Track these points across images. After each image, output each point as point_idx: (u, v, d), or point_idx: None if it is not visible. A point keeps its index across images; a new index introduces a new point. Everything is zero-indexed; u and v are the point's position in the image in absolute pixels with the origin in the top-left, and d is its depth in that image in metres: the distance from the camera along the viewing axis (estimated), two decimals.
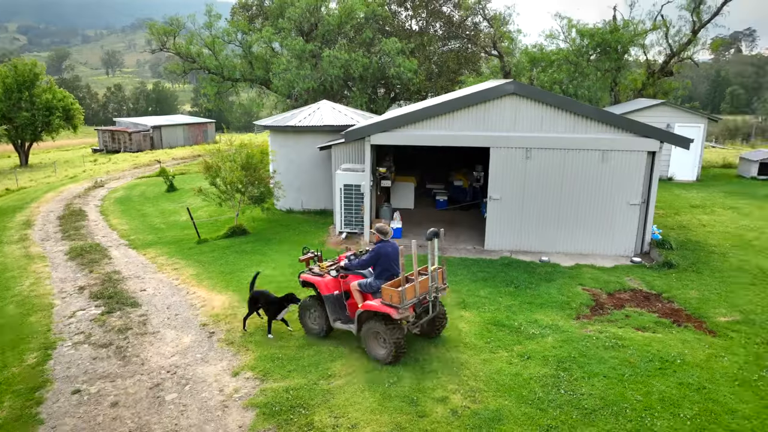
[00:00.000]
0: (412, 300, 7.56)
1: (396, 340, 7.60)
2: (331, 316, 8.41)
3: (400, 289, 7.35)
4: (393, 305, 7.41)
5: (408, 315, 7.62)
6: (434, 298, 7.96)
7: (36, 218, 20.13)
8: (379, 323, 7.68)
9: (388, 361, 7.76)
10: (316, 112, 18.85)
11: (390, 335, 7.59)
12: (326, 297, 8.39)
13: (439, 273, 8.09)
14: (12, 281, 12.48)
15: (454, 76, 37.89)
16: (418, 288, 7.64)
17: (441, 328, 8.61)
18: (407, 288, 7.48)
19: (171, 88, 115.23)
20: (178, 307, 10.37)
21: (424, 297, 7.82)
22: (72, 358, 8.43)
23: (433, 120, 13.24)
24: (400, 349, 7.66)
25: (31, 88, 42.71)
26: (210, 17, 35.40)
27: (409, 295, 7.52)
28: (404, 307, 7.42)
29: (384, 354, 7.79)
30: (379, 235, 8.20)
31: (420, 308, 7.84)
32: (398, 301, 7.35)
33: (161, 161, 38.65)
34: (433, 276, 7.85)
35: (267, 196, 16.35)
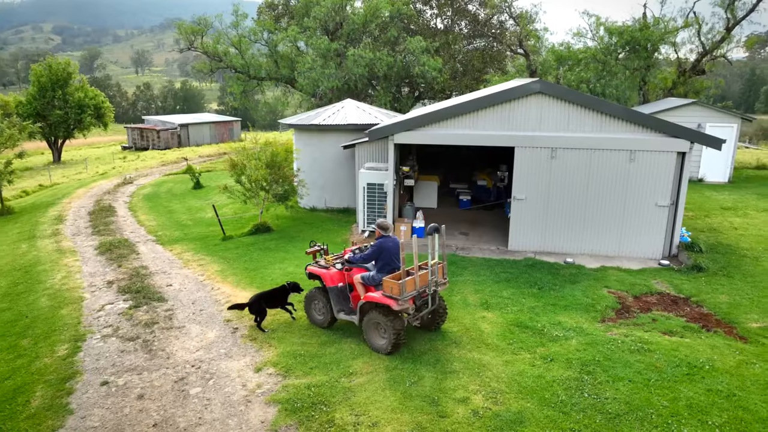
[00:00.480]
0: (411, 292, 7.81)
1: (395, 331, 7.85)
2: (334, 307, 8.73)
3: (400, 282, 7.61)
4: (393, 297, 7.68)
5: (407, 307, 7.83)
6: (434, 292, 8.19)
7: (67, 213, 20.67)
8: (380, 314, 7.95)
9: (387, 351, 8.02)
10: (340, 111, 18.93)
11: (390, 326, 7.86)
12: (330, 288, 8.72)
13: (440, 268, 8.35)
14: (44, 274, 12.84)
15: (479, 74, 37.64)
16: (418, 281, 7.90)
17: (441, 322, 8.84)
18: (407, 281, 7.73)
19: (198, 87, 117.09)
20: (203, 303, 10.54)
21: (423, 290, 8.05)
22: (101, 351, 8.63)
23: (457, 119, 13.17)
24: (399, 340, 7.91)
25: (65, 87, 43.83)
26: (237, 17, 35.82)
27: (409, 287, 7.78)
28: (404, 298, 7.67)
29: (384, 344, 8.05)
30: (380, 231, 8.47)
31: (420, 301, 8.09)
32: (398, 292, 7.61)
33: (188, 159, 39.31)
34: (432, 270, 8.10)
35: (291, 194, 16.48)
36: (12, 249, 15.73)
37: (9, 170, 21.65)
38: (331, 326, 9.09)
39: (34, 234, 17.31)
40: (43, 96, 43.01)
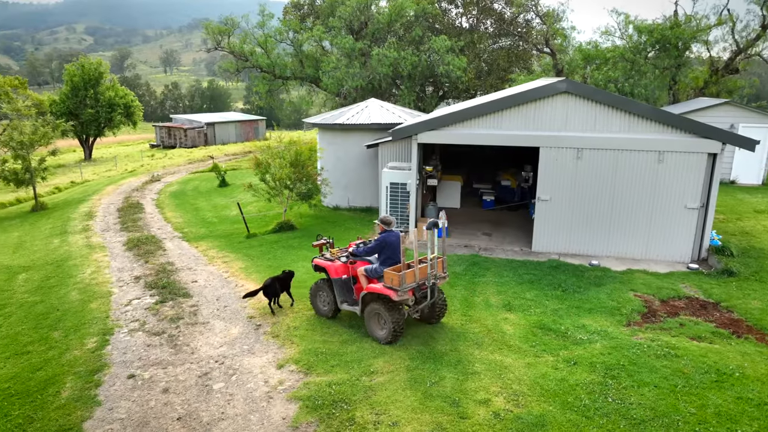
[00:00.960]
0: (411, 284, 8.09)
1: (394, 321, 8.15)
2: (338, 298, 9.06)
3: (399, 274, 7.88)
4: (393, 288, 7.96)
5: (407, 298, 8.11)
6: (432, 284, 8.40)
7: (97, 210, 21.18)
8: (380, 305, 8.27)
9: (386, 341, 8.32)
10: (364, 111, 18.98)
11: (389, 316, 8.16)
12: (335, 280, 9.05)
13: (439, 262, 8.60)
14: (75, 269, 13.18)
15: (504, 74, 37.28)
16: (417, 274, 8.16)
17: (441, 315, 9.09)
18: (407, 273, 8.00)
19: (224, 86, 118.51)
20: (227, 299, 10.69)
21: (423, 283, 8.28)
22: (128, 344, 8.83)
23: (481, 119, 13.09)
24: (398, 330, 8.22)
25: (96, 86, 44.94)
26: (263, 17, 36.20)
27: (409, 279, 8.06)
28: (403, 290, 7.95)
29: (383, 334, 8.38)
30: (383, 226, 8.78)
31: (419, 293, 8.33)
32: (398, 284, 7.88)
33: (214, 157, 39.89)
34: (432, 264, 8.34)
35: (314, 193, 16.59)
36: (45, 244, 16.19)
37: (43, 167, 22.29)
38: (335, 317, 9.43)
39: (65, 229, 17.78)
40: (75, 95, 44.17)
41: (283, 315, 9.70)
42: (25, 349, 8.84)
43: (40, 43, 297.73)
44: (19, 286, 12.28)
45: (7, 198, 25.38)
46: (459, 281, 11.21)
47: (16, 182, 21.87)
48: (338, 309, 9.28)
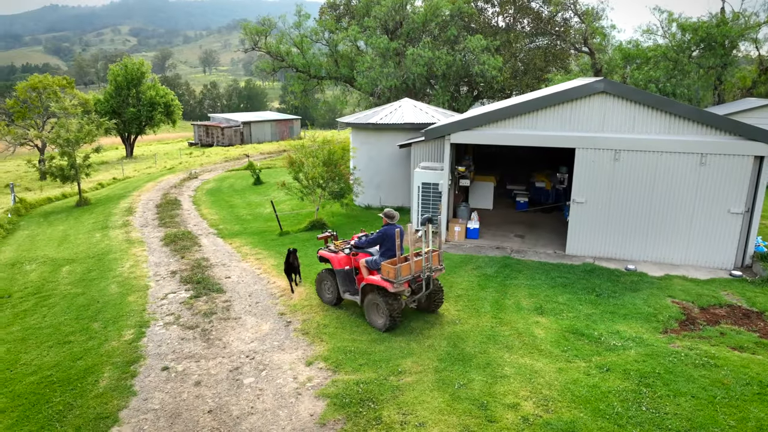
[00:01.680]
0: (407, 276, 8.50)
1: (391, 311, 8.59)
2: (341, 287, 9.57)
3: (396, 266, 8.29)
4: (389, 280, 8.41)
5: (402, 289, 8.55)
6: (427, 277, 8.75)
7: (137, 206, 21.83)
8: (378, 295, 8.72)
9: (384, 329, 8.78)
10: (398, 110, 18.98)
11: (386, 306, 8.60)
12: (338, 271, 9.54)
13: (435, 255, 8.98)
14: (115, 263, 13.62)
15: (540, 73, 36.70)
16: (413, 266, 8.58)
17: (438, 306, 9.50)
18: (402, 266, 8.42)
19: (261, 86, 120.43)
20: (258, 296, 10.86)
21: (418, 275, 8.68)
22: (163, 337, 9.07)
23: (516, 119, 12.91)
24: (394, 319, 8.68)
25: (138, 86, 46.36)
26: (299, 17, 36.63)
27: (404, 272, 8.49)
28: (399, 282, 8.39)
29: (381, 323, 8.84)
30: (386, 219, 9.08)
31: (415, 284, 8.80)
32: (393, 277, 8.32)
33: (249, 155, 40.59)
34: (427, 257, 8.72)
35: (346, 192, 16.69)
36: (87, 238, 16.78)
37: (87, 164, 23.10)
38: (338, 305, 9.98)
39: (106, 224, 18.39)
40: (118, 94, 45.66)
41: (314, 313, 9.79)
42: (66, 339, 9.18)
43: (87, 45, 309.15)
44: (62, 278, 12.77)
45: (54, 193, 26.42)
46: (490, 283, 11.09)
47: (62, 178, 22.74)
48: (341, 298, 9.80)
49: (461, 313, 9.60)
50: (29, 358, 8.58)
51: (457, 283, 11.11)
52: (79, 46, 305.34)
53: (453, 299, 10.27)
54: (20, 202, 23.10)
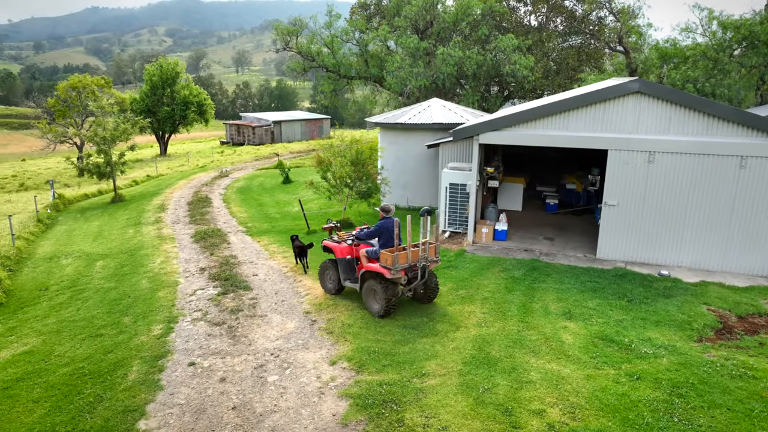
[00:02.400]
0: (403, 265, 9.01)
1: (387, 297, 9.13)
2: (342, 276, 10.21)
3: (393, 255, 8.83)
4: (386, 267, 8.95)
5: (399, 276, 9.06)
6: (423, 267, 9.27)
7: (169, 203, 22.29)
8: (376, 282, 9.29)
9: (380, 314, 9.34)
10: (426, 110, 18.87)
11: (383, 292, 9.15)
12: (340, 260, 10.16)
13: (431, 247, 9.46)
14: (146, 258, 13.92)
15: (573, 73, 36.01)
16: (410, 255, 9.09)
17: (433, 296, 10.01)
18: (400, 254, 8.95)
19: (292, 86, 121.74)
20: (284, 294, 10.93)
21: (414, 264, 9.18)
22: (190, 333, 9.21)
23: (547, 119, 12.68)
24: (390, 305, 9.21)
25: (172, 85, 47.37)
26: (330, 17, 36.82)
27: (401, 260, 9.00)
28: (396, 269, 8.90)
29: (378, 308, 9.39)
30: (382, 213, 9.71)
31: (411, 273, 9.28)
32: (391, 264, 8.84)
33: (279, 154, 41.05)
34: (423, 248, 9.26)
35: (374, 192, 16.68)
36: (121, 234, 17.21)
37: (122, 161, 23.70)
38: (339, 293, 10.54)
39: (139, 221, 18.83)
40: (154, 93, 46.75)
41: (338, 312, 9.80)
42: (98, 332, 9.42)
43: (126, 45, 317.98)
44: (96, 273, 13.11)
45: (91, 189, 27.20)
46: (517, 286, 10.91)
47: (98, 175, 23.39)
48: (342, 286, 10.44)
49: (487, 316, 9.47)
50: (63, 350, 8.83)
51: (484, 286, 10.97)
52: (117, 46, 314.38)
53: (479, 301, 10.15)
54: (59, 198, 23.86)
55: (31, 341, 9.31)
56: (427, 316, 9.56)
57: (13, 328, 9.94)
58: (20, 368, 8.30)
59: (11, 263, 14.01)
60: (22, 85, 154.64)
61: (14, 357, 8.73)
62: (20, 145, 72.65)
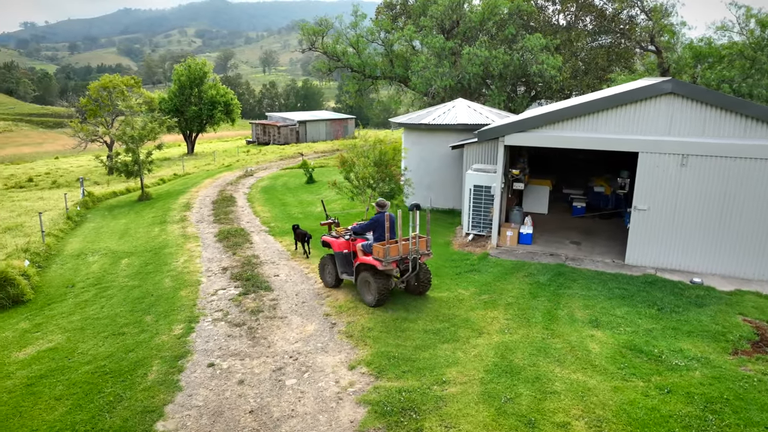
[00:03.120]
0: (395, 257, 9.50)
1: (379, 288, 9.61)
2: (339, 269, 10.67)
3: (384, 247, 9.32)
4: (379, 258, 9.45)
5: (391, 268, 9.57)
6: (413, 259, 9.73)
7: (194, 202, 22.53)
8: (369, 274, 9.78)
9: (373, 304, 9.81)
10: (451, 111, 18.65)
11: (375, 283, 9.63)
12: (337, 254, 10.61)
13: (422, 241, 9.91)
14: (170, 257, 14.04)
15: (602, 73, 35.23)
16: (400, 248, 9.58)
17: (425, 289, 10.44)
18: (391, 247, 9.43)
19: (318, 86, 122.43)
20: (305, 295, 10.87)
21: (405, 257, 9.64)
22: (210, 333, 9.21)
23: (574, 121, 12.35)
24: (382, 295, 9.69)
25: (200, 85, 47.99)
26: (356, 17, 36.81)
27: (393, 252, 9.48)
28: (387, 261, 9.39)
29: (371, 299, 9.86)
30: (378, 208, 10.05)
31: (402, 265, 9.76)
32: (383, 255, 9.33)
33: (303, 154, 41.22)
34: (414, 241, 9.71)
35: (397, 193, 16.54)
36: (146, 232, 17.43)
37: (149, 160, 24.06)
38: (337, 286, 11.03)
39: (165, 219, 19.05)
40: (182, 93, 47.46)
41: (358, 315, 9.69)
42: (121, 330, 9.49)
43: (156, 46, 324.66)
44: (121, 270, 13.28)
45: (119, 187, 27.70)
46: (542, 292, 10.63)
47: (126, 173, 23.80)
48: (340, 279, 10.92)
49: (511, 323, 9.23)
50: (86, 348, 8.92)
51: (507, 291, 10.72)
52: (148, 47, 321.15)
53: (503, 307, 9.91)
54: (88, 196, 24.35)
55: (56, 338, 9.43)
56: (448, 321, 9.38)
57: (39, 325, 10.11)
58: (44, 365, 8.40)
59: (40, 260, 14.29)
60: (58, 85, 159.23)
61: (39, 353, 8.86)
62: (55, 143, 74.60)
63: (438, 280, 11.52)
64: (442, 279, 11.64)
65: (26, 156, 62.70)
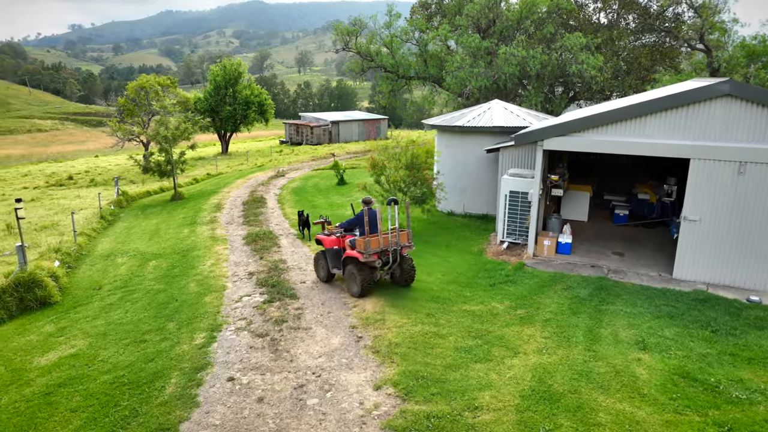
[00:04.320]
0: (375, 249, 10.17)
1: (363, 279, 10.32)
2: (330, 264, 11.28)
3: (365, 240, 10.03)
4: (360, 251, 10.13)
5: (372, 260, 10.17)
6: (394, 251, 10.46)
7: (225, 202, 22.47)
8: (354, 266, 10.43)
9: (357, 294, 10.50)
10: (486, 113, 17.98)
11: (359, 274, 10.32)
12: (328, 250, 11.21)
13: (404, 234, 10.63)
14: (197, 260, 13.86)
15: (646, 73, 33.82)
16: (381, 241, 10.26)
17: (410, 280, 11.05)
18: (371, 240, 10.14)
19: (351, 86, 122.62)
20: (331, 305, 10.45)
21: (386, 249, 10.34)
22: (232, 344, 8.88)
23: (620, 124, 11.57)
24: (366, 287, 10.40)
25: (235, 85, 48.33)
26: (390, 17, 36.40)
27: (373, 245, 10.17)
28: (368, 253, 10.06)
29: (356, 290, 10.52)
30: (363, 205, 10.64)
31: (384, 257, 10.38)
32: (364, 248, 10.02)
33: (335, 155, 41.02)
34: (393, 234, 10.45)
35: (429, 198, 15.98)
36: (176, 233, 17.37)
37: (182, 160, 24.15)
38: (329, 281, 11.57)
39: (195, 220, 18.99)
40: (217, 93, 47.89)
41: (386, 328, 9.21)
42: (143, 338, 9.26)
43: (196, 47, 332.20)
44: (148, 273, 13.15)
45: (153, 187, 27.97)
46: (583, 308, 9.94)
47: (159, 173, 23.94)
48: (332, 274, 11.47)
49: (549, 342, 8.60)
50: (107, 355, 8.71)
51: (545, 305, 10.07)
52: (188, 48, 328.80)
53: (540, 324, 9.28)
54: (122, 195, 24.62)
55: (79, 343, 9.28)
56: (481, 338, 8.81)
57: (64, 329, 9.99)
58: (64, 372, 8.22)
59: (71, 260, 14.33)
60: (101, 85, 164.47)
61: (60, 360, 8.69)
62: (97, 141, 76.74)
63: (471, 292, 10.95)
64: (475, 290, 11.06)
65: (68, 154, 64.69)
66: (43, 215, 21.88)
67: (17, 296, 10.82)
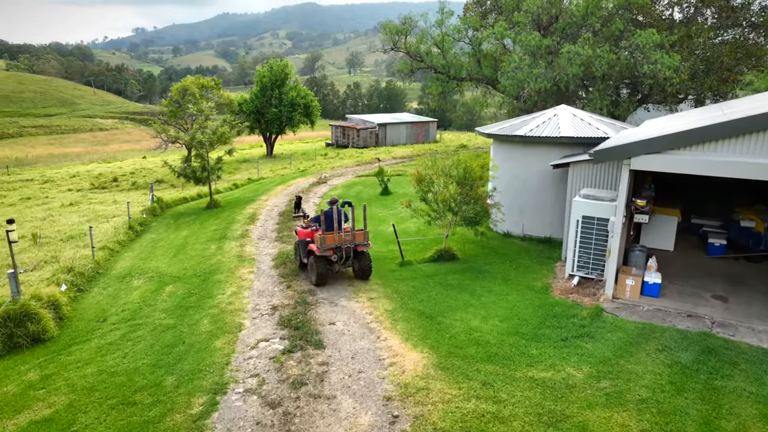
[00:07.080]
0: (330, 245, 11.45)
1: (318, 269, 11.57)
2: (301, 254, 12.60)
3: (321, 236, 11.38)
4: (317, 246, 11.40)
5: (327, 254, 11.52)
6: (348, 248, 11.70)
7: (261, 212, 20.98)
8: (313, 258, 11.67)
9: (314, 283, 11.73)
10: (552, 120, 15.59)
11: (315, 266, 11.60)
12: (300, 242, 12.64)
13: (360, 233, 11.83)
14: (217, 287, 12.23)
15: (728, 74, 30.23)
16: (336, 238, 11.49)
17: (367, 274, 12.17)
18: (326, 236, 11.46)
19: (401, 87, 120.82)
20: (363, 359, 8.52)
21: (340, 246, 11.58)
22: (236, 415, 7.08)
23: (736, 141, 9.06)
24: (320, 277, 11.62)
25: (281, 86, 47.26)
26: (442, 15, 34.31)
27: (328, 241, 11.47)
28: (323, 248, 11.39)
29: (313, 278, 11.76)
30: (329, 204, 11.78)
31: (340, 252, 11.65)
32: (318, 243, 11.35)
33: (381, 159, 39.20)
34: (347, 232, 11.66)
35: (483, 218, 13.82)
36: (203, 249, 15.89)
37: (218, 166, 22.85)
38: (303, 268, 12.82)
39: (225, 234, 17.50)
40: (263, 94, 46.95)
41: (430, 402, 7.18)
42: (132, 398, 7.61)
43: (250, 48, 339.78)
44: (161, 302, 11.60)
45: (190, 193, 26.92)
46: (689, 382, 7.57)
47: (195, 180, 22.71)
48: (303, 262, 12.61)
49: None
50: (85, 422, 7.09)
51: (637, 376, 7.76)
52: (243, 49, 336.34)
53: (633, 406, 7.01)
54: (157, 202, 23.57)
55: (59, 401, 7.71)
56: (555, 426, 6.65)
57: (48, 377, 8.47)
58: None
59: (83, 281, 13.01)
60: (159, 85, 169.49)
61: (30, 426, 7.13)
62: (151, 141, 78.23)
63: (537, 348, 8.76)
64: (542, 346, 8.86)
65: (124, 153, 65.86)
66: (75, 222, 21.04)
67: (6, 332, 9.42)
